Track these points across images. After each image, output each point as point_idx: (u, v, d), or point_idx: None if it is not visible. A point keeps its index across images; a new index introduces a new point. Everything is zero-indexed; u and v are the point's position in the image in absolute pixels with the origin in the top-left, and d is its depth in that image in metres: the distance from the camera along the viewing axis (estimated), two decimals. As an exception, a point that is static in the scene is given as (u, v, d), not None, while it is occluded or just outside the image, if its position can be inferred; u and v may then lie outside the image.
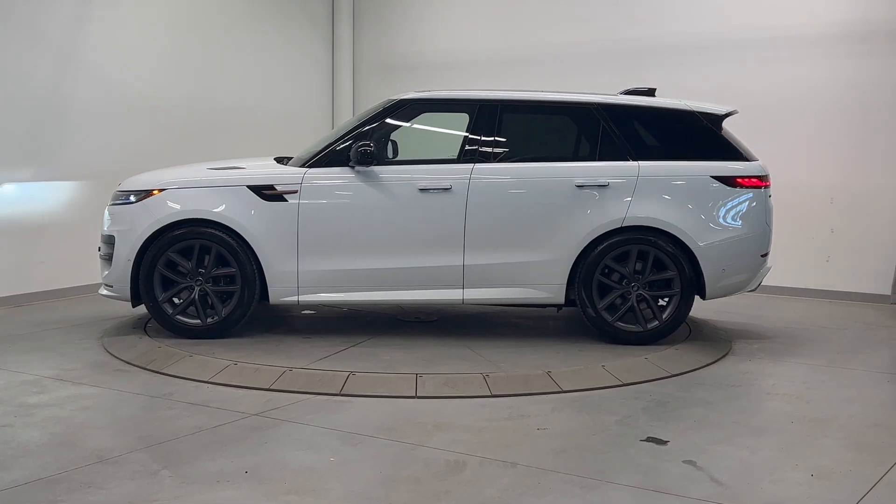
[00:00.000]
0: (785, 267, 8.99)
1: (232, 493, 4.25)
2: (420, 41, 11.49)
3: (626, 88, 7.52)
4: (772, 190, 7.17)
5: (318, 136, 9.30)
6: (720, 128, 7.10)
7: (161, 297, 6.97)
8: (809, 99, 9.27)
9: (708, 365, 6.65)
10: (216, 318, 6.98)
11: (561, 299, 6.97)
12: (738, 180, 6.95)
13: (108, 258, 7.12)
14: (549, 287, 6.93)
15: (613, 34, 10.19)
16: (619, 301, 6.96)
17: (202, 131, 10.17)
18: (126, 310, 8.15)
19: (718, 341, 7.29)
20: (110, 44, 9.25)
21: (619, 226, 6.85)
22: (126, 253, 6.96)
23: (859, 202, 9.13)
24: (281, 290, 6.94)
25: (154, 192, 7.02)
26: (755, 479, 4.53)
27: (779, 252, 7.56)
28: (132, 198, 7.09)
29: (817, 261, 9.31)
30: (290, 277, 6.92)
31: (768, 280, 7.22)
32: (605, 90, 7.60)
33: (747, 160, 7.04)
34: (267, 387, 5.91)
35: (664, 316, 6.94)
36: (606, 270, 6.93)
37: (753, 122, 9.12)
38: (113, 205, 7.20)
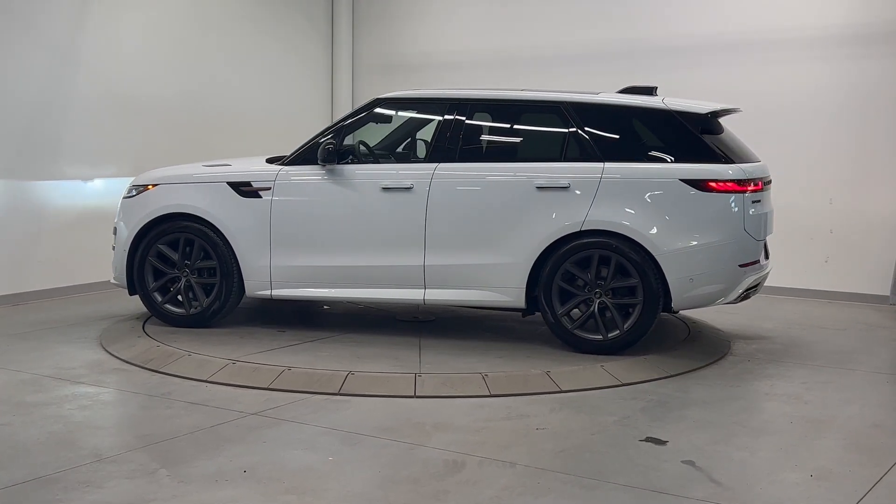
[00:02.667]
0: (784, 267, 8.97)
1: (230, 493, 4.24)
2: (420, 41, 11.48)
3: (625, 86, 7.30)
4: (765, 194, 6.79)
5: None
6: (702, 128, 6.62)
7: (151, 286, 7.35)
8: (809, 100, 9.27)
9: (707, 365, 6.65)
10: (199, 308, 7.26)
11: (521, 303, 6.72)
12: (710, 184, 6.43)
13: (114, 248, 7.58)
14: (508, 291, 6.71)
15: (617, 34, 10.17)
16: (583, 308, 6.66)
17: (200, 131, 10.16)
18: (124, 309, 8.17)
19: (717, 342, 7.29)
20: (108, 43, 9.24)
21: (578, 229, 6.54)
22: (123, 243, 7.42)
23: (859, 203, 9.12)
24: (255, 284, 7.17)
25: (149, 187, 7.46)
26: (754, 479, 4.52)
27: (778, 252, 7.53)
28: (134, 192, 7.54)
29: (816, 261, 9.31)
30: (264, 272, 7.13)
31: (768, 280, 7.12)
32: (606, 90, 7.49)
33: (726, 162, 6.50)
34: (265, 386, 5.91)
35: (625, 325, 6.53)
36: (569, 276, 6.63)
37: (753, 123, 9.11)
38: (122, 198, 7.66)
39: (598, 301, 6.58)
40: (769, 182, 6.94)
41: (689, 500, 4.24)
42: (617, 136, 6.81)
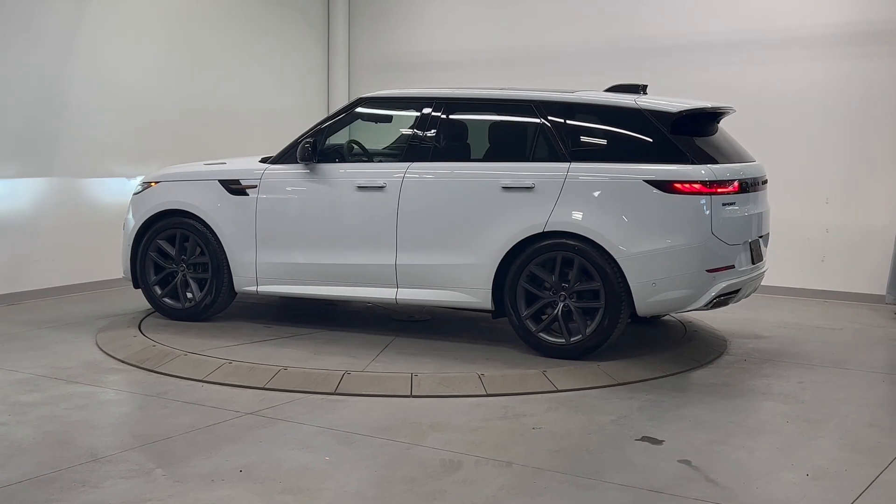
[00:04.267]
0: (780, 267, 8.97)
1: (226, 493, 4.24)
2: (416, 41, 11.47)
3: (612, 84, 7.13)
4: (749, 195, 6.53)
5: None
6: (673, 128, 6.35)
7: (152, 279, 7.58)
8: (805, 99, 9.28)
9: (703, 365, 6.65)
10: (192, 302, 7.46)
11: (488, 305, 6.62)
12: (675, 185, 6.17)
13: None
14: (475, 292, 6.63)
15: (613, 34, 10.16)
16: (550, 311, 6.50)
17: (197, 130, 10.15)
18: (120, 309, 8.17)
19: (713, 341, 7.29)
20: (105, 42, 9.22)
21: (541, 231, 6.41)
22: (128, 238, 7.68)
23: (854, 202, 9.13)
24: (243, 280, 7.32)
25: (153, 184, 7.71)
26: (750, 478, 4.53)
27: (774, 252, 7.52)
28: (140, 188, 7.81)
29: (812, 261, 9.31)
30: (250, 268, 7.27)
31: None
32: (595, 88, 7.40)
33: (696, 163, 6.23)
34: (262, 386, 5.90)
35: (587, 330, 6.36)
36: (534, 278, 6.49)
37: (749, 122, 9.12)
38: (132, 194, 7.92)
39: (563, 304, 6.43)
40: (758, 183, 6.73)
41: (685, 500, 4.24)
42: (584, 136, 6.66)
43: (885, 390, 6.26)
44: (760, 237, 6.79)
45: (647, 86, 7.05)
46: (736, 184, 6.39)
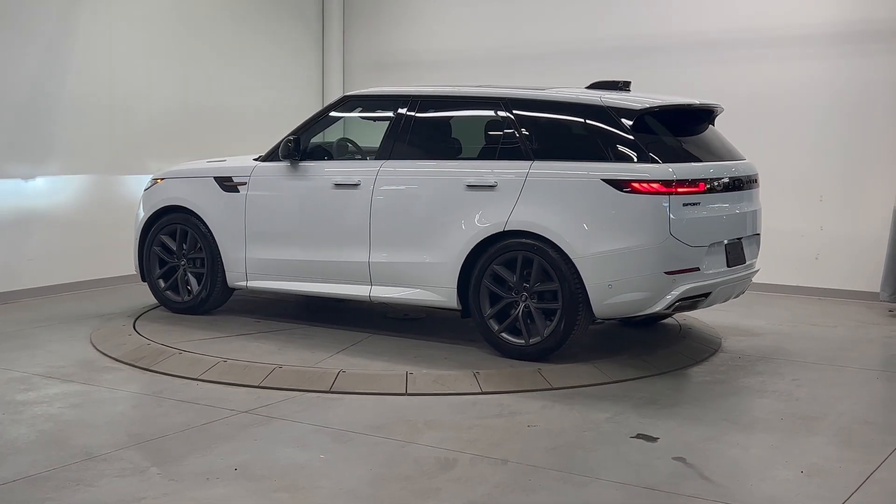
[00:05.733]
0: (775, 265, 8.99)
1: (221, 491, 4.24)
2: (411, 40, 11.46)
3: (594, 81, 7.01)
4: (731, 195, 6.38)
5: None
6: (637, 125, 6.19)
7: (156, 273, 7.80)
8: (799, 97, 9.28)
9: (698, 362, 6.66)
10: (190, 296, 7.64)
11: (454, 304, 6.58)
12: (633, 185, 5.99)
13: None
14: (441, 290, 6.60)
15: (607, 32, 10.16)
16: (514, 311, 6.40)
17: (191, 129, 10.12)
18: (115, 307, 8.15)
19: (708, 339, 7.30)
20: (98, 41, 9.20)
21: (502, 230, 6.33)
22: (136, 233, 7.90)
23: (849, 200, 9.14)
24: (234, 275, 7.48)
25: (159, 181, 7.95)
26: (745, 476, 4.53)
27: (768, 250, 7.52)
28: (149, 185, 8.03)
29: (807, 259, 9.32)
30: (240, 264, 7.42)
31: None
32: (576, 86, 7.22)
33: (659, 162, 6.04)
34: (257, 384, 5.90)
35: (545, 332, 6.24)
36: (497, 278, 6.39)
37: (744, 120, 9.13)
38: (143, 190, 8.12)
39: (524, 305, 6.33)
40: (741, 182, 6.54)
41: (680, 497, 4.25)
42: (549, 134, 6.54)
43: (879, 387, 6.27)
44: (741, 238, 6.57)
45: (629, 82, 6.93)
46: (701, 184, 6.17)
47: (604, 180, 6.08)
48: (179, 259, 7.69)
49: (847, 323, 8.12)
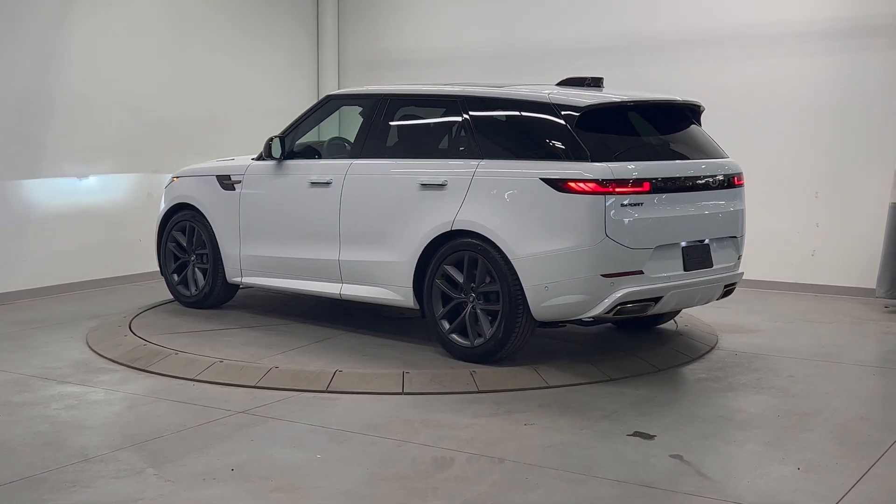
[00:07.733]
0: (770, 261, 8.99)
1: (218, 492, 4.23)
2: (406, 38, 11.45)
3: (565, 77, 6.88)
4: (680, 196, 6.12)
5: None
6: (580, 123, 6.01)
7: (171, 268, 8.04)
8: (794, 93, 9.28)
9: (694, 360, 6.66)
10: (196, 291, 7.88)
11: (410, 303, 6.56)
12: (569, 184, 5.83)
13: None
14: (399, 289, 6.60)
15: (599, 30, 10.16)
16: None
17: (186, 128, 10.11)
18: (111, 308, 8.15)
19: (704, 336, 7.30)
20: (94, 41, 9.18)
21: (449, 229, 6.29)
22: (156, 229, 8.17)
23: (845, 196, 9.14)
24: (231, 271, 7.66)
25: (175, 179, 8.21)
26: (742, 472, 4.54)
27: (764, 246, 7.53)
28: (169, 182, 8.27)
29: (803, 255, 9.33)
30: (236, 260, 7.61)
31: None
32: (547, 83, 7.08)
33: (599, 161, 5.86)
34: (253, 384, 5.90)
35: (488, 334, 6.14)
36: (447, 278, 6.34)
37: (739, 117, 9.14)
38: (164, 188, 8.36)
39: (471, 305, 6.25)
40: (708, 182, 6.34)
41: (677, 494, 4.25)
42: (497, 132, 6.52)
43: (875, 384, 6.28)
44: (705, 241, 6.32)
45: (601, 78, 6.82)
46: (646, 183, 5.94)
47: (542, 179, 5.95)
48: (189, 255, 7.93)
49: (843, 319, 8.12)
